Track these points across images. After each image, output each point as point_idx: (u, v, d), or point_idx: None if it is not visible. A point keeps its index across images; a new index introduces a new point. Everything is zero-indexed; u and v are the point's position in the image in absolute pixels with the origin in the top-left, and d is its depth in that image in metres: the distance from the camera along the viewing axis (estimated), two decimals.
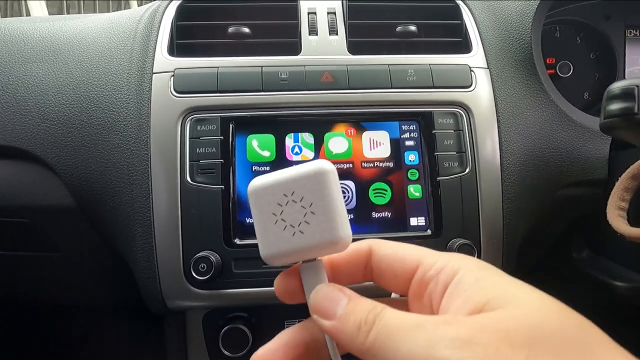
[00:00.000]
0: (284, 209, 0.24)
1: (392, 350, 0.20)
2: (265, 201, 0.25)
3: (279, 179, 0.25)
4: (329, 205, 0.24)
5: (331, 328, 0.23)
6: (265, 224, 0.25)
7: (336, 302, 0.23)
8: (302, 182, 0.24)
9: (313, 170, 0.25)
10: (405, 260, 0.25)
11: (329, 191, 0.24)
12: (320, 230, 0.24)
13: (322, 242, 0.24)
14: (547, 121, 0.56)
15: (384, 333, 0.21)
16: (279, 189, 0.25)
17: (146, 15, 0.58)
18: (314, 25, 0.58)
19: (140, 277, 0.50)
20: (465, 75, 0.54)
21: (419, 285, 0.24)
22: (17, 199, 0.54)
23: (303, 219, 0.24)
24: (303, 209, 0.24)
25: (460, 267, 0.23)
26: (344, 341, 0.22)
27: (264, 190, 0.25)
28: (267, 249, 0.25)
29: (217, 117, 0.50)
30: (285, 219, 0.24)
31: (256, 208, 0.25)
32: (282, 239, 0.24)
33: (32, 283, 0.65)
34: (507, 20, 0.59)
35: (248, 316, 0.53)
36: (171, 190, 0.49)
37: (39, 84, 0.54)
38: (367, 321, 0.22)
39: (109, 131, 0.51)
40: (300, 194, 0.24)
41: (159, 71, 0.52)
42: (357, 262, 0.26)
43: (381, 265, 0.26)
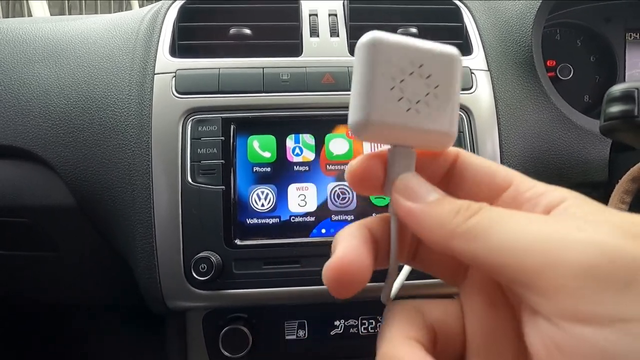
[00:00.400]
0: (406, 79, 0.20)
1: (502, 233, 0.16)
2: (389, 59, 0.20)
3: (412, 44, 0.21)
4: (454, 95, 0.21)
5: (415, 210, 0.19)
6: (379, 84, 0.20)
7: (428, 191, 0.20)
8: (436, 59, 0.21)
9: (451, 52, 0.21)
10: (496, 174, 0.21)
11: (458, 80, 0.22)
12: (438, 118, 0.21)
13: (435, 130, 0.21)
14: (547, 123, 0.56)
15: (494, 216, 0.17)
16: (410, 54, 0.21)
17: (148, 16, 0.58)
18: (315, 26, 0.58)
19: (140, 277, 0.50)
20: (466, 77, 0.54)
21: (508, 204, 0.20)
22: (18, 198, 0.54)
23: (424, 98, 0.21)
24: (427, 87, 0.21)
25: (568, 196, 0.19)
26: (428, 225, 0.19)
27: (392, 47, 0.20)
28: (372, 112, 0.20)
29: (218, 118, 0.50)
30: (403, 90, 0.20)
31: (374, 62, 0.20)
32: (394, 108, 0.20)
33: (32, 283, 0.65)
34: (507, 22, 0.60)
35: (248, 317, 0.53)
36: (172, 190, 0.49)
37: (41, 84, 0.55)
38: (470, 207, 0.18)
39: (110, 131, 0.52)
40: (429, 70, 0.21)
41: (161, 72, 0.52)
42: (442, 163, 0.22)
43: (466, 172, 0.22)
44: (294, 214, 0.50)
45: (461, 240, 0.17)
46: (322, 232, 0.50)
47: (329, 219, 0.51)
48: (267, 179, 0.51)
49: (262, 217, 0.50)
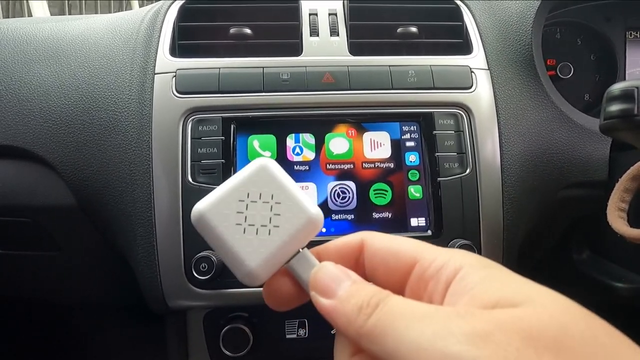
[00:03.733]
0: (247, 214, 0.23)
1: (393, 338, 0.18)
2: (222, 217, 0.23)
3: (227, 189, 0.23)
4: (290, 190, 0.24)
5: (328, 307, 0.21)
6: (233, 239, 0.22)
7: (339, 282, 0.22)
8: (252, 181, 0.24)
9: (257, 167, 0.24)
10: (400, 255, 0.23)
11: (283, 178, 0.24)
12: (295, 213, 0.23)
13: (302, 224, 0.23)
14: (547, 122, 0.56)
15: (387, 318, 0.19)
16: (232, 197, 0.23)
17: (148, 16, 0.58)
18: (315, 26, 0.58)
19: (141, 276, 0.50)
20: (465, 76, 0.54)
21: (417, 284, 0.22)
22: (19, 198, 0.54)
23: (271, 213, 0.23)
24: (266, 203, 0.23)
25: (463, 264, 0.21)
26: (340, 323, 0.21)
27: (216, 207, 0.23)
28: (250, 262, 0.22)
29: (218, 118, 0.51)
30: (253, 223, 0.23)
31: (215, 230, 0.23)
32: (260, 243, 0.23)
33: (33, 282, 0.65)
34: (507, 21, 0.60)
35: (249, 316, 0.53)
36: (172, 190, 0.49)
37: (41, 84, 0.55)
38: (370, 304, 0.20)
39: (111, 131, 0.52)
40: (256, 191, 0.23)
41: (161, 72, 0.52)
42: (348, 256, 0.25)
43: (374, 260, 0.24)
44: None
45: (365, 341, 0.20)
46: (322, 232, 0.50)
47: (329, 218, 0.51)
48: None
49: None
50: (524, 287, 0.19)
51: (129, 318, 0.81)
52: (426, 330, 0.18)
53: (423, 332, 0.18)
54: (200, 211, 0.23)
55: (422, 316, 0.19)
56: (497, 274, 0.20)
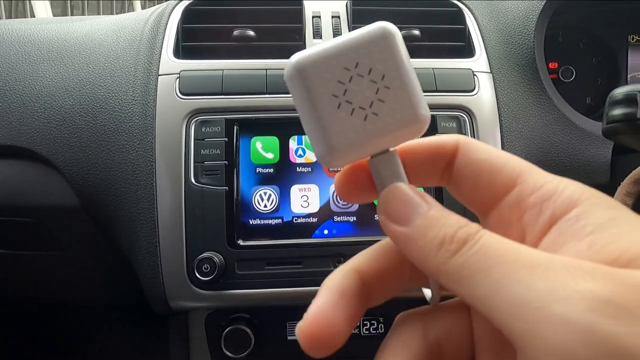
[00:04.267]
0: (348, 87, 0.19)
1: (488, 286, 0.14)
2: (320, 81, 0.19)
3: (336, 49, 0.19)
4: (406, 76, 0.19)
5: (401, 236, 0.17)
6: (323, 110, 0.19)
7: (414, 207, 0.17)
8: (367, 50, 0.19)
9: (378, 33, 0.19)
10: (499, 172, 0.18)
11: (403, 59, 0.19)
12: (401, 108, 0.19)
13: (404, 123, 0.19)
14: (549, 125, 0.56)
15: (479, 259, 0.15)
16: (338, 61, 0.19)
17: (152, 18, 0.58)
18: (318, 28, 0.58)
19: (143, 277, 0.50)
20: (468, 79, 0.55)
21: (511, 210, 0.18)
22: (23, 198, 0.54)
23: (375, 97, 0.19)
24: (374, 83, 0.19)
25: (581, 198, 0.16)
26: (415, 257, 0.17)
27: (316, 66, 0.19)
28: (334, 142, 0.19)
29: (221, 119, 0.51)
30: (351, 100, 0.19)
31: (308, 92, 0.19)
32: (351, 125, 0.19)
33: (35, 282, 0.65)
34: (510, 25, 0.60)
35: (250, 317, 0.53)
36: (175, 191, 0.49)
37: (45, 85, 0.55)
38: (455, 239, 0.16)
39: (114, 132, 0.52)
40: (367, 64, 0.19)
41: (165, 73, 0.53)
42: (437, 159, 0.20)
43: (467, 170, 0.19)
44: (296, 215, 0.50)
45: (447, 279, 0.16)
46: (324, 233, 0.50)
47: (332, 220, 0.51)
48: (270, 179, 0.51)
49: (265, 218, 0.50)
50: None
51: (131, 319, 0.82)
52: (538, 285, 0.14)
53: (533, 286, 0.14)
54: (299, 65, 0.19)
55: (531, 264, 0.14)
56: (628, 217, 0.15)
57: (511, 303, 0.14)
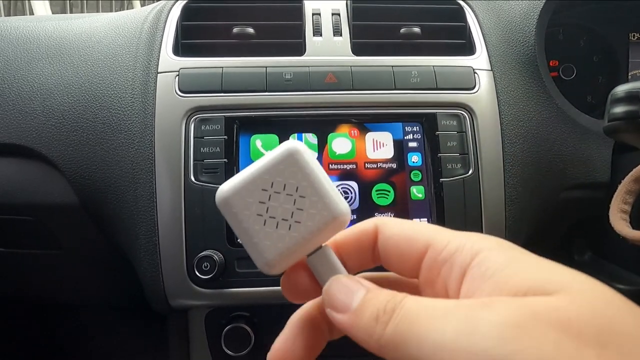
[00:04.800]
0: (269, 205, 0.22)
1: (415, 343, 0.17)
2: (245, 205, 0.22)
3: (252, 176, 0.22)
4: (317, 183, 0.22)
5: (345, 322, 0.20)
6: (253, 230, 0.22)
7: (352, 294, 0.20)
8: (277, 170, 0.22)
9: (285, 153, 0.22)
10: (412, 240, 0.22)
11: (310, 168, 0.22)
12: (318, 211, 0.22)
13: (323, 223, 0.22)
14: (550, 123, 0.56)
15: (405, 322, 0.18)
16: (256, 185, 0.22)
17: (151, 15, 0.58)
18: (318, 26, 0.58)
19: (143, 275, 0.50)
20: (468, 77, 0.54)
21: (430, 270, 0.21)
22: (22, 196, 0.54)
23: (294, 208, 0.22)
24: (290, 196, 0.22)
25: (481, 247, 0.19)
26: (359, 337, 0.19)
27: (239, 193, 0.22)
28: (267, 255, 0.22)
29: (221, 117, 0.51)
30: (274, 215, 0.22)
31: (236, 217, 0.22)
32: (279, 237, 0.22)
33: (34, 281, 0.65)
34: (510, 22, 0.60)
35: (250, 315, 0.53)
36: (175, 189, 0.49)
37: (44, 83, 0.55)
38: (385, 310, 0.18)
39: (113, 130, 0.52)
40: (281, 182, 0.22)
41: (164, 71, 0.52)
42: (364, 244, 0.23)
43: (388, 246, 0.22)
44: None
45: (387, 351, 0.18)
46: None
47: None
48: None
49: None
50: (557, 273, 0.17)
51: (130, 317, 0.81)
52: (447, 329, 0.16)
53: (444, 331, 0.16)
54: (223, 196, 0.22)
55: (442, 313, 0.17)
56: (521, 257, 0.18)
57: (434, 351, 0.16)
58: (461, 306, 0.17)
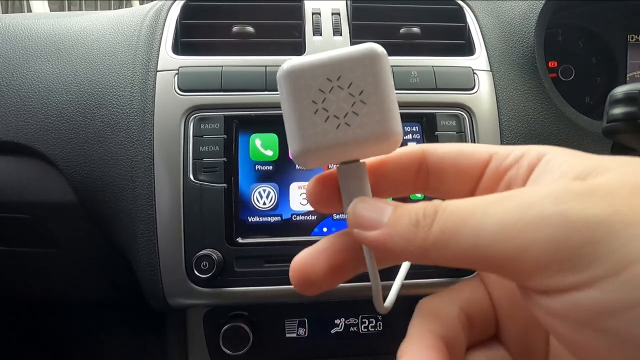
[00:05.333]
0: (327, 97, 0.20)
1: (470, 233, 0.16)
2: (304, 86, 0.20)
3: (323, 60, 0.21)
4: (383, 94, 0.20)
5: (378, 237, 0.18)
6: (301, 112, 0.20)
7: (382, 210, 0.19)
8: (352, 65, 0.20)
9: (366, 52, 0.21)
10: (473, 153, 0.20)
11: (384, 77, 0.21)
12: (372, 122, 0.20)
13: (372, 136, 0.20)
14: (548, 124, 0.56)
15: (454, 217, 0.17)
16: (322, 71, 0.20)
17: (151, 14, 0.58)
18: (318, 25, 0.58)
19: (142, 274, 0.50)
20: (468, 77, 0.55)
21: (492, 178, 0.20)
22: (20, 195, 0.54)
23: (350, 109, 0.20)
24: (351, 97, 0.20)
25: (547, 151, 0.19)
26: (397, 247, 0.18)
27: (303, 72, 0.20)
28: (303, 142, 0.20)
29: (220, 116, 0.50)
30: (327, 108, 0.20)
31: (291, 94, 0.20)
32: (323, 131, 0.20)
33: (32, 279, 0.65)
34: (510, 23, 0.60)
35: (249, 315, 0.53)
36: (174, 188, 0.49)
37: (42, 81, 0.54)
38: (425, 214, 0.17)
39: (112, 128, 0.52)
40: (349, 79, 0.20)
41: (163, 69, 0.52)
42: (407, 166, 0.22)
43: (443, 164, 0.21)
44: (295, 213, 0.50)
45: (435, 252, 0.17)
46: (323, 231, 0.50)
47: (331, 218, 0.51)
48: (269, 177, 0.51)
49: (264, 215, 0.50)
50: (615, 159, 0.17)
51: (128, 316, 0.81)
52: (509, 207, 0.16)
53: (506, 210, 0.16)
54: (289, 69, 0.21)
55: (498, 199, 0.16)
56: (583, 154, 0.18)
57: (496, 231, 0.16)
58: (520, 190, 0.16)
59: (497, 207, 0.16)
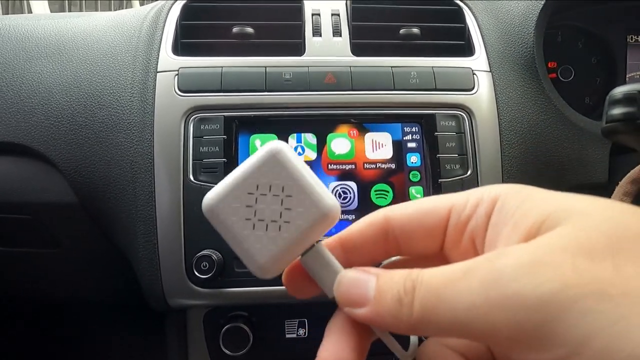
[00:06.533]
0: (256, 208, 0.21)
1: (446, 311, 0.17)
2: (231, 211, 0.22)
3: (236, 180, 0.22)
4: (302, 180, 0.22)
5: (368, 315, 0.19)
6: (242, 235, 0.21)
7: (365, 284, 0.20)
8: (261, 172, 0.22)
9: (267, 154, 0.22)
10: (434, 209, 0.21)
11: (294, 166, 0.22)
12: (306, 209, 0.21)
13: (314, 221, 0.21)
14: (548, 124, 0.56)
15: (430, 295, 0.18)
16: (241, 190, 0.22)
17: (151, 14, 0.58)
18: (317, 26, 0.58)
19: (142, 274, 0.50)
20: (467, 78, 0.55)
21: (455, 232, 0.21)
22: (20, 195, 0.54)
23: (282, 208, 0.21)
24: (277, 197, 0.21)
25: (498, 193, 0.19)
26: (388, 325, 0.19)
27: (224, 200, 0.22)
28: (259, 259, 0.21)
29: (220, 117, 0.51)
30: (262, 218, 0.21)
31: (224, 224, 0.22)
32: (270, 239, 0.21)
33: (33, 279, 0.65)
34: (510, 23, 0.60)
35: (249, 315, 0.53)
36: (174, 188, 0.49)
37: (43, 82, 0.55)
38: (405, 290, 0.18)
39: (112, 129, 0.52)
40: (266, 183, 0.22)
41: (163, 70, 0.52)
42: (373, 236, 0.22)
43: (407, 227, 0.22)
44: None
45: (421, 328, 0.18)
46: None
47: None
48: None
49: None
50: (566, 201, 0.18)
51: (128, 316, 0.81)
52: (473, 285, 0.17)
53: (471, 288, 0.17)
54: (209, 205, 0.22)
55: (462, 274, 0.17)
56: (535, 194, 0.19)
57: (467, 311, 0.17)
58: (479, 262, 0.17)
59: (464, 284, 0.17)
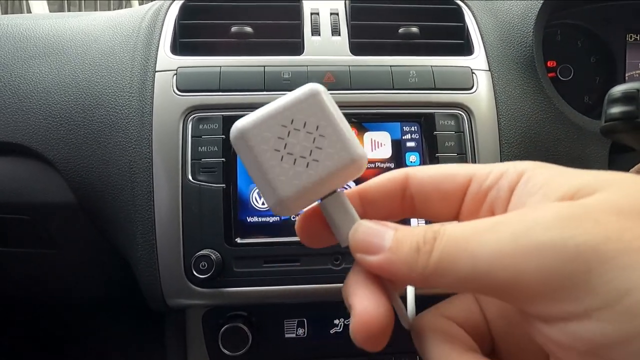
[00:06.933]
0: (288, 141, 0.21)
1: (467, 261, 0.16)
2: (261, 139, 0.21)
3: (271, 111, 0.22)
4: (337, 124, 0.21)
5: (381, 262, 0.19)
6: (269, 165, 0.21)
7: (382, 235, 0.19)
8: (299, 108, 0.22)
9: (307, 93, 0.22)
10: (453, 176, 0.21)
11: (332, 110, 0.22)
12: (337, 151, 0.21)
13: (342, 164, 0.21)
14: (547, 124, 0.56)
15: (452, 244, 0.17)
16: (275, 121, 0.21)
17: (149, 14, 0.58)
18: (316, 25, 0.58)
19: (140, 274, 0.50)
20: (466, 77, 0.55)
21: (474, 201, 0.20)
22: (18, 195, 0.54)
23: (313, 146, 0.21)
24: (310, 134, 0.21)
25: (525, 168, 0.19)
26: (400, 273, 0.18)
27: (256, 128, 0.21)
28: (281, 192, 0.21)
29: (219, 116, 0.50)
30: (292, 152, 0.21)
31: (252, 151, 0.21)
32: (296, 174, 0.21)
33: (31, 280, 0.65)
34: (509, 23, 0.60)
35: (248, 315, 0.53)
36: (172, 188, 0.49)
37: (41, 81, 0.54)
38: (425, 240, 0.18)
39: (111, 129, 0.52)
40: (301, 119, 0.21)
41: (162, 69, 0.52)
42: (392, 191, 0.22)
43: (425, 188, 0.21)
44: None
45: (434, 280, 0.17)
46: None
47: None
48: None
49: (263, 216, 0.50)
50: (600, 175, 0.17)
51: (127, 316, 0.81)
52: (503, 235, 0.16)
53: (499, 238, 0.16)
54: (240, 129, 0.21)
55: (491, 225, 0.16)
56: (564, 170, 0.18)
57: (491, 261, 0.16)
58: (510, 215, 0.17)
59: (492, 235, 0.16)
